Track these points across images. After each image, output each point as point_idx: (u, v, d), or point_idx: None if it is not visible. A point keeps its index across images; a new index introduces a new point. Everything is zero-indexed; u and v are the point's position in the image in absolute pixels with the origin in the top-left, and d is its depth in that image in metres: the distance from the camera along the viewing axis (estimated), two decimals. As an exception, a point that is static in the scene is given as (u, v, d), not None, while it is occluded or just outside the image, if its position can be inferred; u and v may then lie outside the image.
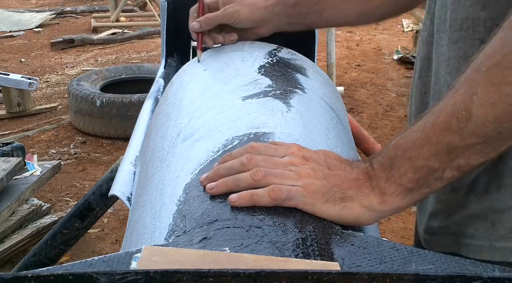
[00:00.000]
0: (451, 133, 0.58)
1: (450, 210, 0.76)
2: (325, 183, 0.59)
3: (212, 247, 0.50)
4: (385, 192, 0.60)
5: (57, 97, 4.44)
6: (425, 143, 0.59)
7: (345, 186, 0.60)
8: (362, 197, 0.60)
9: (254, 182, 0.59)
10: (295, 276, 0.38)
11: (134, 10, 7.32)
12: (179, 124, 0.80)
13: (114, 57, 5.55)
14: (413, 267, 0.50)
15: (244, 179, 0.60)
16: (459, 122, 0.57)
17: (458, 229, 0.75)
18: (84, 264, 0.46)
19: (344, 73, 4.75)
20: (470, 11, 0.69)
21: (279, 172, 0.60)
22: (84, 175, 3.17)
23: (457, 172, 0.59)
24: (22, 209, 2.37)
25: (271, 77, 0.86)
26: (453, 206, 0.75)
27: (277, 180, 0.59)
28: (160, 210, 0.64)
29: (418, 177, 0.59)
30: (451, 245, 0.76)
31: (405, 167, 0.59)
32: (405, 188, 0.60)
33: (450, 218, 0.77)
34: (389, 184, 0.60)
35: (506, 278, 0.39)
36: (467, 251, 0.74)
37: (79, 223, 1.49)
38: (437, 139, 0.58)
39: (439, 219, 0.78)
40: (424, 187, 0.60)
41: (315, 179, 0.60)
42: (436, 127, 0.59)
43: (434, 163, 0.59)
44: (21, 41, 6.18)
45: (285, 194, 0.58)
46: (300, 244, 0.51)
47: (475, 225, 0.73)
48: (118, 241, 2.53)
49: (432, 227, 0.79)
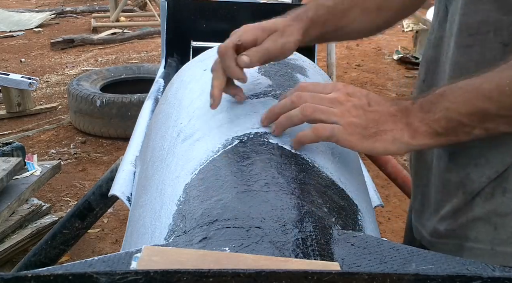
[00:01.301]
0: (489, 102, 0.63)
1: (457, 212, 0.77)
2: (363, 120, 0.67)
3: (212, 247, 0.50)
4: (417, 130, 0.67)
5: (57, 97, 4.44)
6: (465, 101, 0.65)
7: (382, 120, 0.67)
8: (396, 131, 0.67)
9: (304, 117, 0.68)
10: (295, 276, 0.38)
11: (134, 10, 7.32)
12: (179, 124, 0.80)
13: (114, 57, 5.55)
14: (413, 267, 0.50)
15: (295, 115, 0.68)
16: (500, 95, 0.63)
17: (463, 233, 0.76)
18: (84, 264, 0.46)
19: (344, 73, 4.75)
20: (491, 15, 0.70)
21: (325, 108, 0.68)
22: (84, 175, 3.17)
23: (484, 132, 0.66)
24: (22, 209, 2.37)
25: (271, 77, 0.86)
26: (460, 208, 0.76)
27: (323, 116, 0.67)
28: (160, 210, 0.64)
29: (449, 126, 0.66)
30: (455, 249, 0.77)
31: (440, 114, 0.66)
32: (435, 131, 0.66)
33: (456, 221, 0.77)
34: (422, 124, 0.67)
35: (506, 278, 0.39)
36: (469, 255, 0.75)
37: (79, 223, 1.49)
38: (475, 103, 0.64)
39: (447, 222, 0.79)
40: (452, 136, 0.67)
41: (355, 117, 0.67)
42: (479, 92, 0.64)
43: (467, 120, 0.65)
44: (21, 41, 6.18)
45: (328, 132, 0.66)
46: (300, 244, 0.51)
47: (478, 228, 0.75)
48: (118, 241, 2.53)
49: (439, 230, 0.80)
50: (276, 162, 0.65)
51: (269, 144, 0.69)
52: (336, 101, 0.68)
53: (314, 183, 0.65)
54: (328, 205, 0.62)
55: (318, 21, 0.83)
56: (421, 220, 0.86)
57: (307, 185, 0.63)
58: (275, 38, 0.78)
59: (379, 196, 1.03)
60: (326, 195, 0.64)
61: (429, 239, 0.83)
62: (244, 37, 0.77)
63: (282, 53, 0.79)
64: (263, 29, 0.78)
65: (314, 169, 0.68)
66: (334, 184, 0.68)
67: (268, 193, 0.59)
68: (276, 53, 0.78)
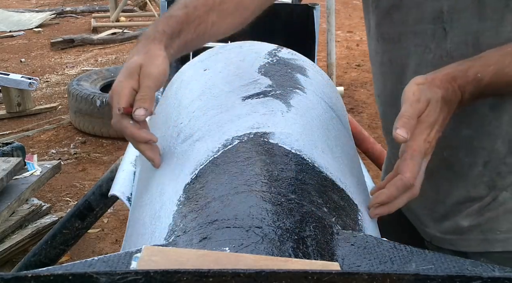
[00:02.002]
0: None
1: (483, 208, 0.86)
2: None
3: (212, 247, 0.50)
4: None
5: (57, 97, 4.44)
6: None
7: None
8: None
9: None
10: (295, 276, 0.38)
11: (134, 10, 7.32)
12: (179, 124, 0.80)
13: (114, 57, 5.55)
14: (413, 267, 0.50)
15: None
16: None
17: (490, 226, 0.85)
18: (84, 264, 0.46)
19: (344, 73, 4.75)
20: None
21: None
22: (84, 175, 3.17)
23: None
24: (22, 209, 2.37)
25: (271, 77, 0.86)
26: (489, 203, 0.85)
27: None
28: (160, 210, 0.64)
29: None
30: (478, 243, 0.87)
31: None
32: None
33: (482, 216, 0.86)
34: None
35: (506, 278, 0.39)
36: (504, 245, 0.85)
37: (79, 223, 1.48)
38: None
39: (470, 218, 0.87)
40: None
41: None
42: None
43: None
44: (21, 41, 6.19)
45: None
46: (300, 244, 0.51)
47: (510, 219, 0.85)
48: (118, 241, 2.53)
49: (461, 226, 0.88)
50: (276, 162, 0.65)
51: (269, 144, 0.69)
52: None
53: (314, 183, 0.65)
54: (328, 205, 0.62)
55: (173, 33, 0.81)
56: (426, 221, 0.92)
57: (307, 185, 0.63)
58: (147, 72, 0.75)
59: (379, 196, 1.03)
60: (326, 195, 0.64)
61: (449, 237, 0.90)
62: (122, 97, 0.74)
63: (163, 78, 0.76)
64: (130, 75, 0.75)
65: (314, 169, 0.68)
66: (334, 184, 0.68)
67: (268, 193, 0.59)
68: (158, 83, 0.75)
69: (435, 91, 0.72)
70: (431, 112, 0.72)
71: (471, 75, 0.74)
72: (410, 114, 0.71)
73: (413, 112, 0.71)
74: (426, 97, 0.72)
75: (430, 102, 0.72)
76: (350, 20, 6.63)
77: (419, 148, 0.70)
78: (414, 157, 0.70)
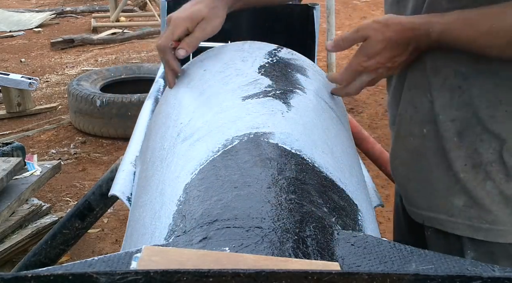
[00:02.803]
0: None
1: (470, 192, 0.86)
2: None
3: (212, 247, 0.50)
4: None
5: (57, 97, 4.44)
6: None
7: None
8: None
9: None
10: (295, 276, 0.38)
11: (134, 10, 7.33)
12: (179, 124, 0.80)
13: (114, 57, 5.55)
14: (413, 267, 0.50)
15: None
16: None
17: (478, 213, 0.86)
18: (84, 264, 0.46)
19: (344, 73, 4.74)
20: None
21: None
22: (84, 175, 3.17)
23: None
24: (22, 209, 2.37)
25: (271, 77, 0.86)
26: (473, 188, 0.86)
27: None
28: (160, 210, 0.64)
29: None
30: (465, 228, 0.87)
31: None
32: None
33: (471, 200, 0.86)
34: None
35: (506, 278, 0.39)
36: (486, 235, 0.86)
37: (79, 223, 1.49)
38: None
39: (460, 198, 0.87)
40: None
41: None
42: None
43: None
44: (21, 41, 6.19)
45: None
46: (300, 244, 0.51)
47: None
48: (118, 241, 2.53)
49: (454, 205, 0.88)
50: (276, 162, 0.65)
51: (269, 144, 0.69)
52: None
53: (314, 183, 0.65)
54: (328, 205, 0.62)
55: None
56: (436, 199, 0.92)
57: (307, 185, 0.63)
58: (204, 26, 0.93)
59: (379, 196, 1.03)
60: (326, 195, 0.64)
61: (434, 216, 0.91)
62: (177, 32, 0.92)
63: (211, 35, 0.95)
64: (191, 19, 0.93)
65: (314, 169, 0.68)
66: (334, 184, 0.68)
67: (268, 193, 0.59)
68: (206, 37, 0.95)
69: (382, 32, 0.83)
70: (368, 46, 0.85)
71: (422, 28, 0.81)
72: (344, 36, 0.89)
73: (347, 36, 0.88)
74: (364, 33, 0.85)
75: (369, 39, 0.84)
76: (350, 20, 6.63)
77: (351, 65, 0.88)
78: (346, 69, 0.89)
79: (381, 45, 0.83)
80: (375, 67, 0.86)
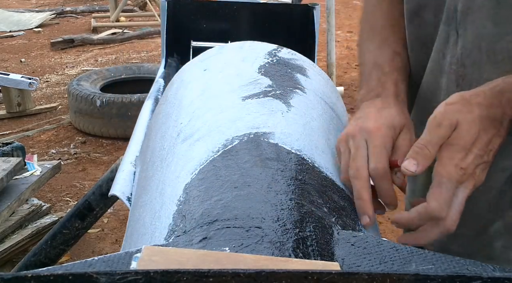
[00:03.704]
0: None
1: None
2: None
3: (212, 247, 0.50)
4: None
5: (57, 97, 4.44)
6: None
7: None
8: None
9: None
10: (295, 276, 0.38)
11: (134, 10, 7.32)
12: (179, 124, 0.80)
13: (114, 57, 5.55)
14: (413, 267, 0.50)
15: None
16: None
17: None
18: (84, 264, 0.46)
19: (344, 73, 4.75)
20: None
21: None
22: (84, 175, 3.17)
23: None
24: (22, 209, 2.37)
25: (271, 77, 0.86)
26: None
27: None
28: (160, 210, 0.64)
29: None
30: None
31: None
32: None
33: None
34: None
35: (506, 278, 0.39)
36: None
37: (79, 223, 1.48)
38: None
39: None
40: None
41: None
42: None
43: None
44: (21, 41, 6.18)
45: None
46: (300, 244, 0.51)
47: None
48: (118, 241, 2.53)
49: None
50: (276, 162, 0.65)
51: (269, 144, 0.69)
52: None
53: (314, 183, 0.65)
54: (328, 205, 0.62)
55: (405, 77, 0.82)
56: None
57: (307, 185, 0.63)
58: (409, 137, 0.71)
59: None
60: (326, 195, 0.64)
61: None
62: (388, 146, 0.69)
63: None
64: (394, 129, 0.71)
65: (314, 169, 0.68)
66: (334, 184, 0.68)
67: (268, 193, 0.59)
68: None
69: (469, 111, 0.63)
70: (462, 134, 0.62)
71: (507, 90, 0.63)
72: (425, 142, 0.62)
73: (430, 139, 0.62)
74: (450, 120, 0.62)
75: (460, 124, 0.62)
76: (350, 20, 6.63)
77: (448, 174, 0.61)
78: (442, 184, 0.61)
79: (476, 128, 0.63)
80: (475, 165, 0.63)
